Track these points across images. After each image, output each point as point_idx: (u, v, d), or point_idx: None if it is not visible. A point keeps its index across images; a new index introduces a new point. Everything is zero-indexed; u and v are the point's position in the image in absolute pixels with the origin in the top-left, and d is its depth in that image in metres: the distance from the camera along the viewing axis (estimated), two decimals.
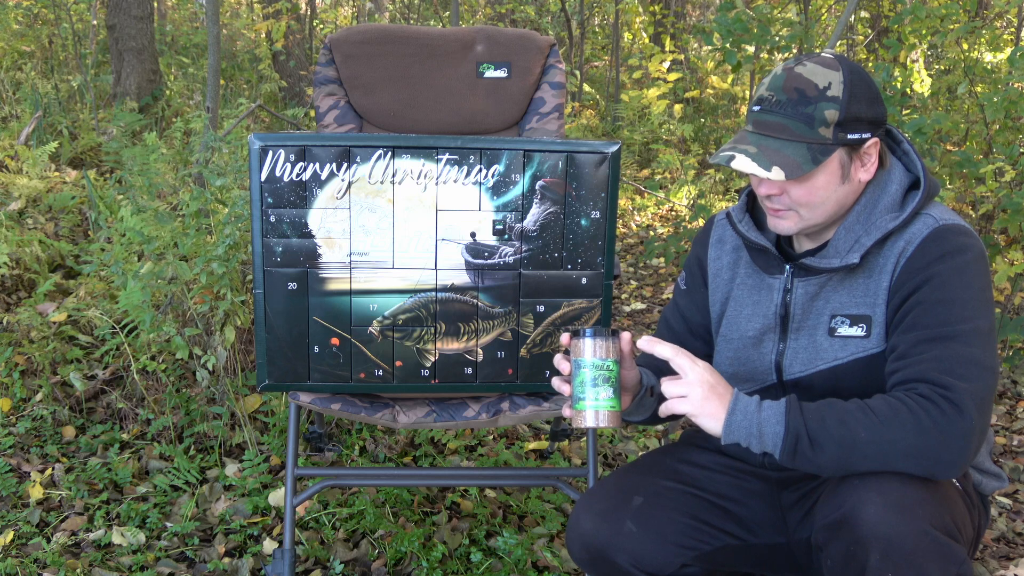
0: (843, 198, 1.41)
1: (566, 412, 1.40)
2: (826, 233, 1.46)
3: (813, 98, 1.36)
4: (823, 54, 1.43)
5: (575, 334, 1.38)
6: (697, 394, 1.31)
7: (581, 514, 1.52)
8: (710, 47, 4.18)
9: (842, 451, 1.25)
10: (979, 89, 4.23)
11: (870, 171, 1.42)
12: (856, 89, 1.37)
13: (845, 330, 1.41)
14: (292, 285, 1.79)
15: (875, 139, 1.40)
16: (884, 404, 1.26)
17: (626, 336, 1.41)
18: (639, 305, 4.33)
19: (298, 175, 1.75)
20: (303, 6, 7.64)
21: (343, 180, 1.76)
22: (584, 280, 1.84)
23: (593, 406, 1.35)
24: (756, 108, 1.41)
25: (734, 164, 1.36)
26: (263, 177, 1.75)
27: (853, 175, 1.40)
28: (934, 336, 1.29)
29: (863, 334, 1.40)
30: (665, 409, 1.35)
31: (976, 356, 1.27)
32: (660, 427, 2.93)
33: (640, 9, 8.85)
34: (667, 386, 1.33)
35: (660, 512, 1.49)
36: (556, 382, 1.44)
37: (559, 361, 1.43)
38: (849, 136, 1.36)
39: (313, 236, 1.78)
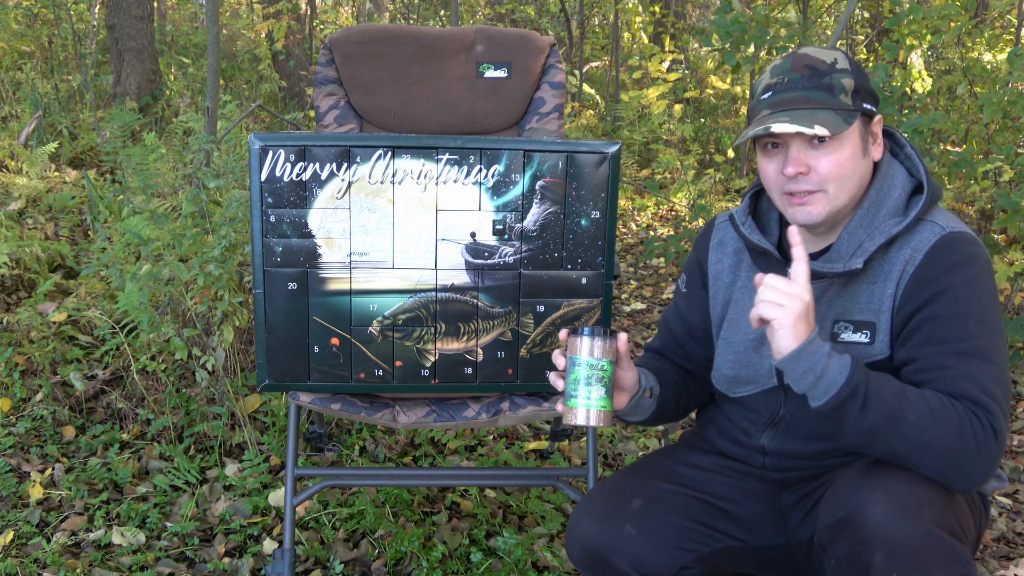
0: (862, 177, 1.41)
1: (558, 408, 1.41)
2: (829, 236, 1.46)
3: (825, 71, 1.38)
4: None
5: (573, 331, 1.39)
6: (795, 308, 1.27)
7: (580, 518, 1.52)
8: (708, 48, 4.18)
9: (885, 423, 1.24)
10: (979, 89, 4.24)
11: (879, 151, 1.44)
12: (856, 65, 1.42)
13: (848, 336, 1.40)
14: (292, 285, 1.79)
15: (880, 116, 1.43)
16: (938, 400, 1.26)
17: (623, 337, 1.41)
18: (639, 305, 4.33)
19: (298, 175, 1.75)
20: (303, 6, 7.64)
21: (343, 180, 1.76)
22: (584, 280, 1.84)
23: (585, 404, 1.36)
24: (767, 95, 1.41)
25: (774, 127, 1.33)
26: (263, 177, 1.75)
27: (869, 150, 1.42)
28: (958, 351, 1.29)
29: (867, 340, 1.39)
30: (754, 314, 1.30)
31: (1002, 376, 1.29)
32: (660, 427, 2.93)
33: (640, 9, 8.85)
34: (774, 280, 1.29)
35: (659, 515, 1.49)
36: (552, 377, 1.45)
37: (557, 356, 1.44)
38: (865, 105, 1.39)
39: (313, 236, 1.78)
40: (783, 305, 1.27)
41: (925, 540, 1.20)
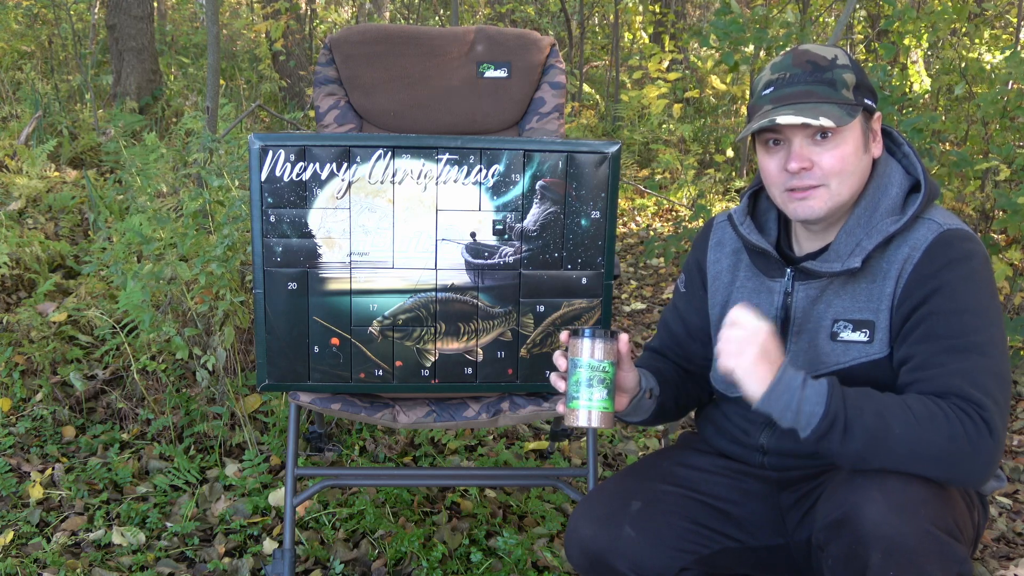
0: (863, 173, 1.41)
1: (559, 409, 1.41)
2: (827, 235, 1.46)
3: (827, 67, 1.39)
4: None
5: (574, 333, 1.39)
6: (752, 353, 1.29)
7: (579, 520, 1.52)
8: (708, 48, 4.19)
9: (872, 443, 1.24)
10: (978, 89, 4.24)
11: (879, 147, 1.44)
12: (855, 62, 1.42)
13: (848, 335, 1.41)
14: (292, 285, 1.79)
15: (879, 113, 1.43)
16: (921, 405, 1.25)
17: (624, 338, 1.41)
18: (639, 305, 4.33)
19: (298, 175, 1.75)
20: (303, 6, 7.64)
21: (343, 180, 1.76)
22: (584, 280, 1.85)
23: (586, 406, 1.37)
24: (769, 90, 1.41)
25: (780, 120, 1.33)
26: (263, 177, 1.75)
27: (870, 147, 1.42)
28: (953, 347, 1.29)
29: (866, 339, 1.39)
30: (721, 367, 1.33)
31: (998, 369, 1.28)
32: (660, 427, 2.93)
33: (640, 9, 8.85)
34: (728, 331, 1.31)
35: (659, 516, 1.49)
36: (554, 378, 1.45)
37: (558, 358, 1.44)
38: (866, 101, 1.40)
39: (313, 236, 1.78)
40: (741, 354, 1.29)
41: (922, 539, 1.20)
